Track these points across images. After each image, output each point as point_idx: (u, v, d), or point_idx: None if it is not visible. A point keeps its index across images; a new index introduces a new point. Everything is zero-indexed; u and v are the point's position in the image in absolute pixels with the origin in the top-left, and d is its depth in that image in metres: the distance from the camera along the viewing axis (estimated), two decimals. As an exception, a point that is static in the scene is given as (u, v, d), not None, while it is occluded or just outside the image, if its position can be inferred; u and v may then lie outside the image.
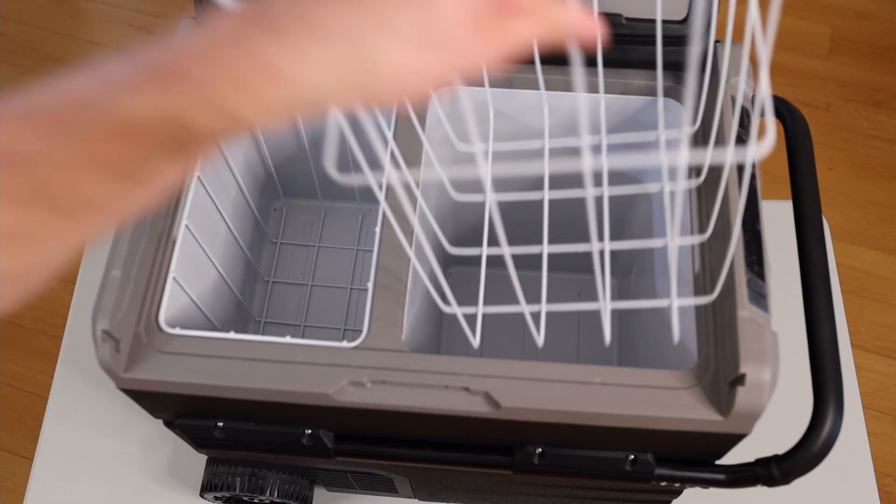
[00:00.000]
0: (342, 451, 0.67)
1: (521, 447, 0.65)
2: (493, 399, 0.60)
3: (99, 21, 2.11)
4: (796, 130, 0.69)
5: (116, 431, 0.95)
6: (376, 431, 0.67)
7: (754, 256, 0.62)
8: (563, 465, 0.65)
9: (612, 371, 0.60)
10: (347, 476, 0.81)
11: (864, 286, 1.56)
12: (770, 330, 0.59)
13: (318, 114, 0.31)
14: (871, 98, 1.80)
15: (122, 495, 0.93)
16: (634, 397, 0.59)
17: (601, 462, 0.64)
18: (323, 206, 1.00)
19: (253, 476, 0.78)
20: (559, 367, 0.61)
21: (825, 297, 0.62)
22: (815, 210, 0.66)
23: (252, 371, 0.61)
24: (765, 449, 0.61)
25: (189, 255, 0.72)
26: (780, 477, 0.60)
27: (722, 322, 0.61)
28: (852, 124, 1.76)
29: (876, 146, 1.74)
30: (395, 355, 0.62)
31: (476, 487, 0.80)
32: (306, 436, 0.66)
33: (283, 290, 0.96)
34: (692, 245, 0.67)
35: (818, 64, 1.84)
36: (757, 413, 0.58)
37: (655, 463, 0.64)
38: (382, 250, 0.67)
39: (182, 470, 0.93)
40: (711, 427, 0.59)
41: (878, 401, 1.44)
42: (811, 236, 0.64)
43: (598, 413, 0.59)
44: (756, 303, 0.60)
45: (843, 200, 1.69)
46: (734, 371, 0.58)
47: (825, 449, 0.58)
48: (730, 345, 0.59)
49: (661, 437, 0.61)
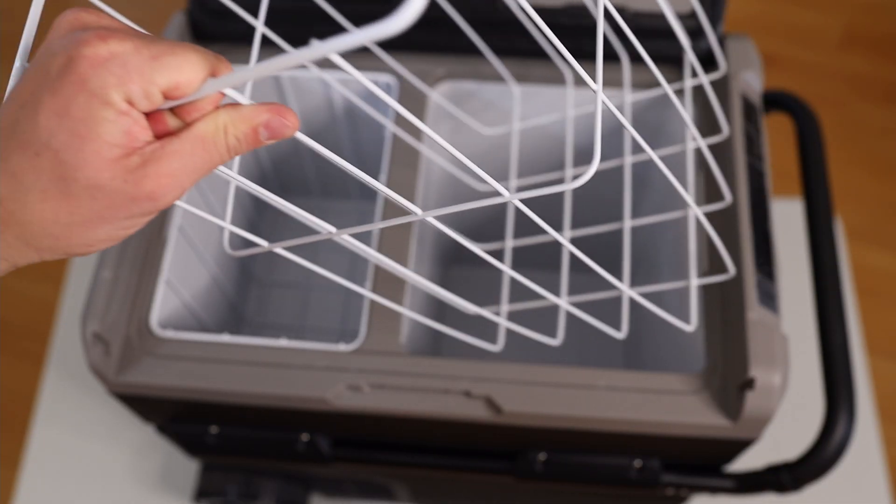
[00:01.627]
0: (339, 456, 0.66)
1: (523, 453, 0.64)
2: (494, 404, 0.59)
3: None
4: (808, 127, 0.68)
5: (107, 437, 0.94)
6: (374, 437, 0.66)
7: (764, 256, 0.61)
8: (567, 471, 0.64)
9: (618, 375, 0.59)
10: (344, 482, 0.80)
11: (879, 287, 1.54)
12: (780, 332, 0.58)
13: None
14: (885, 93, 1.78)
15: (115, 502, 0.92)
16: (640, 402, 0.58)
17: (606, 468, 0.63)
18: (320, 206, 0.99)
19: (247, 482, 0.78)
20: (563, 370, 0.60)
21: (837, 299, 0.61)
22: (827, 208, 0.65)
23: (246, 374, 0.60)
24: (774, 455, 0.61)
25: (182, 255, 0.71)
26: (790, 484, 0.59)
27: (730, 324, 0.60)
28: (865, 120, 1.74)
29: (890, 142, 1.72)
30: (393, 359, 0.61)
31: (477, 494, 0.79)
32: (302, 441, 0.65)
33: (278, 291, 0.95)
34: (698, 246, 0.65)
35: (830, 58, 1.82)
36: (766, 418, 0.57)
37: (662, 469, 0.63)
38: (381, 250, 0.66)
39: (175, 476, 0.92)
40: (720, 433, 0.58)
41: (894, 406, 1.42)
42: (823, 235, 0.63)
43: (604, 418, 0.58)
44: (766, 304, 0.59)
45: (856, 198, 1.67)
46: (743, 375, 0.56)
47: (837, 455, 0.57)
48: (738, 348, 0.58)
49: (668, 443, 0.60)
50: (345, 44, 0.27)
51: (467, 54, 0.73)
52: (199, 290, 0.76)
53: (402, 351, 0.61)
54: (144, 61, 0.31)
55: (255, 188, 0.40)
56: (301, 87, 0.79)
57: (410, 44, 0.72)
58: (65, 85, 0.30)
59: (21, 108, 0.31)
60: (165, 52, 0.31)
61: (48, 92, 0.31)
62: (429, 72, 0.73)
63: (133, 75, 0.31)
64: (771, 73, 1.83)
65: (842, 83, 1.80)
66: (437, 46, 0.73)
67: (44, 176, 0.31)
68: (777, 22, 1.88)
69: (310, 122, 0.85)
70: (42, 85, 0.31)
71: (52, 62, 0.31)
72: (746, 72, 0.68)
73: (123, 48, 0.31)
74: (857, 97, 1.80)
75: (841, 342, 0.59)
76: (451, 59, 0.73)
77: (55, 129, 0.30)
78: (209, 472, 0.79)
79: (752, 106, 0.68)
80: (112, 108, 0.31)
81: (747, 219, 0.62)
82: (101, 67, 0.31)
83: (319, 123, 0.84)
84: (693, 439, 0.59)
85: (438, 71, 0.73)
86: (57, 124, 0.30)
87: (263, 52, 0.75)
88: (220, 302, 0.83)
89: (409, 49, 0.73)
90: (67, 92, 0.30)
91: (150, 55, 0.31)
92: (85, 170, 0.31)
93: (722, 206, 0.60)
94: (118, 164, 0.31)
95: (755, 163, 0.65)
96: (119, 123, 0.31)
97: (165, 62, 0.31)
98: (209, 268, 0.78)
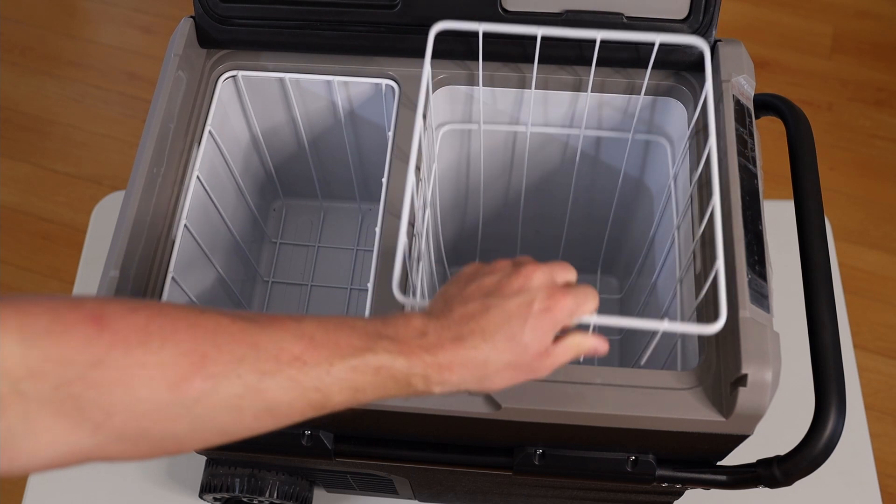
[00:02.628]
0: (342, 451, 0.67)
1: (521, 448, 0.65)
2: (493, 400, 0.59)
3: (97, 20, 2.11)
4: (798, 130, 0.69)
5: (116, 432, 0.95)
6: (376, 432, 0.67)
7: (756, 256, 0.62)
8: (564, 466, 0.65)
9: (613, 372, 0.60)
10: (347, 477, 0.81)
11: (866, 286, 1.56)
12: (772, 330, 0.59)
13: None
14: (874, 97, 1.79)
15: (121, 497, 0.92)
16: (635, 398, 0.59)
17: (602, 463, 0.64)
18: (322, 206, 1.00)
19: (252, 477, 0.78)
20: (560, 367, 0.60)
21: (827, 298, 0.62)
22: (818, 210, 0.66)
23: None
24: (766, 450, 0.61)
25: (188, 255, 0.72)
26: (781, 478, 0.59)
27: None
28: (854, 124, 1.76)
29: (878, 146, 1.74)
30: (395, 356, 0.61)
31: (476, 488, 0.79)
32: (306, 436, 0.66)
33: (282, 290, 0.96)
34: (693, 245, 0.66)
35: (820, 63, 1.84)
36: (759, 414, 0.57)
37: (657, 464, 0.64)
38: (382, 250, 0.67)
39: (181, 471, 0.93)
40: (713, 428, 0.59)
41: (880, 402, 1.44)
42: (813, 236, 0.64)
43: (600, 414, 0.59)
44: (758, 303, 0.60)
45: (845, 200, 1.69)
46: (736, 372, 0.57)
47: (827, 450, 0.58)
48: (731, 345, 0.59)
49: (663, 438, 0.61)
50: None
51: (466, 59, 0.74)
52: (205, 289, 0.77)
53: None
54: (577, 308, 0.51)
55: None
56: (305, 90, 0.80)
57: (411, 49, 0.74)
58: (543, 317, 0.50)
59: (505, 316, 0.50)
60: (590, 298, 0.52)
61: (532, 317, 0.49)
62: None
63: (569, 319, 0.51)
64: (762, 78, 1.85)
65: (832, 87, 1.82)
66: (436, 52, 0.74)
67: (509, 357, 0.50)
68: (768, 28, 1.90)
69: (313, 125, 0.85)
70: (527, 313, 0.49)
71: (535, 301, 0.50)
72: (738, 76, 0.69)
73: (571, 301, 0.51)
74: (847, 101, 1.81)
75: (831, 339, 0.60)
76: (451, 63, 0.74)
77: (531, 333, 0.50)
78: (214, 467, 0.79)
79: (744, 109, 0.69)
80: (553, 334, 0.51)
81: (740, 219, 0.63)
82: (559, 314, 0.50)
83: (323, 126, 0.85)
84: (687, 434, 0.60)
85: (439, 75, 0.74)
86: (532, 331, 0.49)
87: (271, 56, 0.76)
88: (225, 300, 0.83)
89: (409, 55, 0.74)
90: (543, 319, 0.50)
91: (579, 302, 0.51)
92: (531, 357, 0.50)
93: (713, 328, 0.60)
94: (543, 356, 0.51)
95: (748, 164, 0.66)
96: (551, 338, 0.51)
97: (581, 309, 0.51)
98: (215, 266, 0.79)
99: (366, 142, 0.87)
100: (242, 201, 0.88)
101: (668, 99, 0.75)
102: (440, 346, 0.48)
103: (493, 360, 0.49)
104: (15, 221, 1.78)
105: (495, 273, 0.52)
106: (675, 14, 0.71)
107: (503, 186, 0.90)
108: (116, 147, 1.88)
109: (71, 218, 1.78)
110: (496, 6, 0.71)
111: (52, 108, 1.94)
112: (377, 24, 0.73)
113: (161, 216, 0.68)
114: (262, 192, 0.95)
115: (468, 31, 0.68)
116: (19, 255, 1.74)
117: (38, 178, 1.84)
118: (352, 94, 0.80)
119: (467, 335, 0.49)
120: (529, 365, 0.51)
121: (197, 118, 0.73)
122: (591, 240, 0.94)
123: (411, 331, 0.49)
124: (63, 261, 1.73)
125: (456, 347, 0.48)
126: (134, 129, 1.90)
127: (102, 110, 1.94)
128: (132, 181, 0.67)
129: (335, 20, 0.73)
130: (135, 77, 1.98)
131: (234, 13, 0.73)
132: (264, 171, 0.93)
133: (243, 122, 0.84)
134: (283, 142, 0.89)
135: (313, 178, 0.94)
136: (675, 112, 0.75)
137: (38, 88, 1.97)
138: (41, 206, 1.80)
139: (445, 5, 0.71)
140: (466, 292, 0.51)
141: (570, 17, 0.72)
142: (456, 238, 0.97)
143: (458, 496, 0.85)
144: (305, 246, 0.99)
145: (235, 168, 0.84)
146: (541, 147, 0.84)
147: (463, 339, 0.49)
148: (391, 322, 0.49)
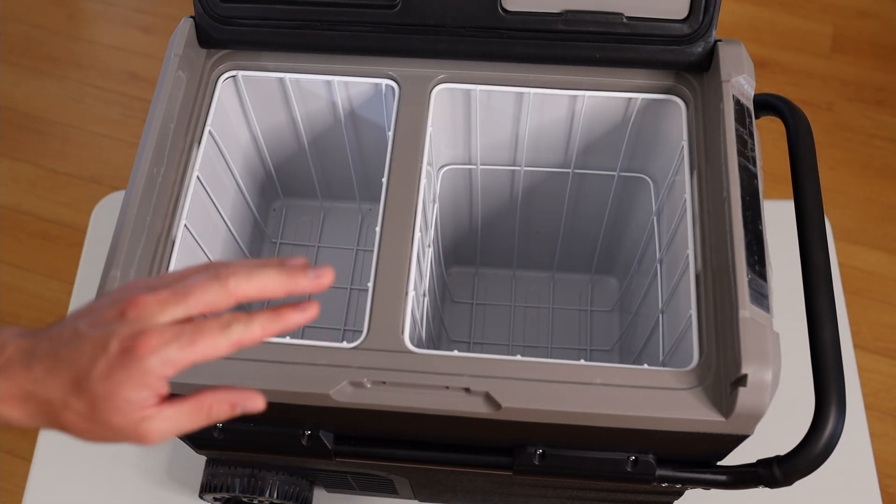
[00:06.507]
0: (342, 451, 0.67)
1: (521, 448, 0.65)
2: (493, 400, 0.59)
3: (97, 20, 2.11)
4: (798, 130, 0.69)
5: (116, 432, 0.95)
6: (376, 432, 0.67)
7: (756, 256, 0.62)
8: (564, 466, 0.65)
9: (614, 371, 0.60)
10: (347, 477, 0.81)
11: (866, 286, 1.56)
12: (772, 330, 0.59)
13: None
14: (874, 97, 1.79)
15: (121, 496, 0.92)
16: (635, 398, 0.59)
17: (602, 463, 0.64)
18: (323, 207, 1.00)
19: (252, 477, 0.78)
20: (560, 367, 0.61)
21: (827, 298, 0.62)
22: (817, 210, 0.66)
23: (251, 371, 0.61)
24: (766, 450, 0.61)
25: (188, 254, 0.72)
26: (781, 478, 0.60)
27: (723, 322, 0.61)
28: (854, 124, 1.76)
29: (878, 146, 1.74)
30: (394, 356, 0.62)
31: (477, 488, 0.80)
32: (306, 436, 0.66)
33: (282, 290, 0.95)
34: (692, 246, 0.66)
35: (820, 63, 1.84)
36: (759, 414, 0.58)
37: (656, 464, 0.64)
38: (383, 250, 0.67)
39: (181, 471, 0.93)
40: (713, 428, 0.59)
41: (880, 401, 1.44)
42: (813, 236, 0.64)
43: (599, 414, 0.59)
44: (758, 303, 0.60)
45: (845, 200, 1.69)
46: (736, 371, 0.57)
47: (827, 450, 0.58)
48: (731, 345, 0.59)
49: (663, 438, 0.61)
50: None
51: (466, 59, 0.74)
52: (205, 289, 0.76)
53: (404, 349, 0.62)
54: (180, 351, 0.42)
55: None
56: (305, 90, 0.80)
57: (411, 49, 0.74)
58: (120, 362, 0.41)
59: (78, 341, 0.42)
60: (196, 341, 0.43)
61: (105, 359, 0.41)
62: (429, 76, 0.74)
63: (169, 367, 0.42)
64: (762, 78, 1.85)
65: (832, 87, 1.82)
66: (436, 52, 0.74)
67: (78, 406, 0.42)
68: (768, 28, 1.90)
69: (313, 125, 0.86)
70: (100, 353, 0.41)
71: (113, 339, 0.41)
72: (738, 76, 0.69)
73: (167, 343, 0.42)
74: (847, 101, 1.82)
75: (831, 339, 0.60)
76: (451, 63, 0.74)
77: (101, 384, 0.41)
78: (214, 467, 0.79)
79: (744, 109, 0.69)
80: (148, 389, 0.42)
81: (740, 219, 0.63)
82: (151, 356, 0.41)
83: (323, 126, 0.85)
84: (687, 434, 0.60)
85: (438, 75, 0.74)
86: (102, 381, 0.41)
87: (271, 56, 0.76)
88: (225, 301, 0.83)
89: (409, 55, 0.74)
90: (120, 365, 0.41)
91: (184, 344, 0.42)
92: (108, 414, 0.42)
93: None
94: (130, 416, 0.42)
95: (748, 164, 0.66)
96: (145, 395, 0.42)
97: (195, 350, 0.43)
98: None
99: (366, 142, 0.87)
100: (242, 201, 0.88)
101: (668, 98, 0.75)
102: (8, 368, 0.42)
103: (57, 402, 0.43)
104: (15, 221, 1.79)
105: (124, 291, 0.44)
106: (675, 14, 0.71)
107: (505, 188, 0.90)
108: (116, 147, 1.88)
109: (71, 218, 1.78)
110: (496, 6, 0.72)
111: (52, 108, 1.94)
112: (377, 24, 0.73)
113: (161, 216, 0.69)
114: (262, 192, 0.95)
115: (468, 31, 0.68)
116: (19, 255, 1.74)
117: (38, 178, 1.84)
118: (352, 94, 0.80)
119: (36, 363, 0.43)
120: (114, 425, 0.43)
121: (197, 118, 0.73)
122: (586, 242, 0.94)
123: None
124: (63, 261, 1.73)
125: (25, 373, 0.43)
126: (134, 129, 1.90)
127: (102, 110, 1.94)
128: (132, 181, 0.67)
129: (335, 20, 0.73)
130: (135, 77, 1.99)
131: (234, 13, 0.74)
132: (264, 171, 0.93)
133: (243, 122, 0.84)
134: (283, 142, 0.89)
135: (313, 178, 0.94)
136: (675, 112, 0.75)
137: (38, 88, 1.97)
138: (41, 206, 1.80)
139: (445, 5, 0.71)
140: (85, 310, 0.44)
141: (569, 17, 0.72)
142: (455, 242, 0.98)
143: (458, 496, 0.85)
144: (305, 246, 0.99)
145: (235, 168, 0.84)
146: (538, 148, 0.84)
147: (30, 367, 0.42)
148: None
